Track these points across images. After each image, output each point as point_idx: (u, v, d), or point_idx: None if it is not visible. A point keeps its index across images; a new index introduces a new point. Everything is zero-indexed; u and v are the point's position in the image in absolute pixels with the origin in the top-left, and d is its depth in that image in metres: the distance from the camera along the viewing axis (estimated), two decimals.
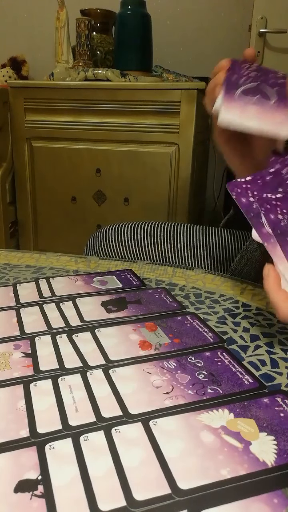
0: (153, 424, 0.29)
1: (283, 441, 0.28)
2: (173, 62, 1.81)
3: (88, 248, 0.86)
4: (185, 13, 1.79)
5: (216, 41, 1.79)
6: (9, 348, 0.39)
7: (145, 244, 0.81)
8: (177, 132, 1.35)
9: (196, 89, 1.30)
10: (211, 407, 0.31)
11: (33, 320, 0.44)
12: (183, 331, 0.42)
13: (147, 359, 0.37)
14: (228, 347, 0.40)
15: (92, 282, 0.53)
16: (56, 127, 1.45)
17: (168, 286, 0.54)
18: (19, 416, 0.30)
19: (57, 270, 0.58)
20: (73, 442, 0.27)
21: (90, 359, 0.37)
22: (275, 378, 0.35)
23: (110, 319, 0.44)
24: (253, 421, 0.30)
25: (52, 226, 1.57)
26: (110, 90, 1.37)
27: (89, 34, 1.46)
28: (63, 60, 1.51)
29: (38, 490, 0.24)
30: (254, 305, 0.49)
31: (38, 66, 1.91)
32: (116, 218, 1.44)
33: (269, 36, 1.51)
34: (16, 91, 1.46)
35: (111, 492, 0.24)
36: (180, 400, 0.32)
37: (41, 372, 0.35)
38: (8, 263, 0.61)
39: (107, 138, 1.42)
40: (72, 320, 0.44)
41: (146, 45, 1.49)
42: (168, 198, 1.42)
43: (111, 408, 0.31)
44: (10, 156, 1.54)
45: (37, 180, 1.53)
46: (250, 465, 0.26)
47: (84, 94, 1.39)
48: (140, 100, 1.35)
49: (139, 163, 1.41)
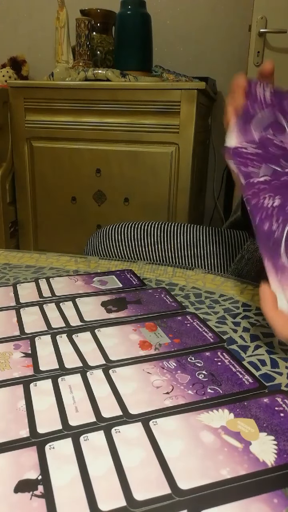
0: (153, 424, 0.29)
1: (283, 441, 0.28)
2: (173, 62, 1.82)
3: (88, 248, 0.86)
4: (185, 13, 1.79)
5: (216, 41, 1.79)
6: (9, 348, 0.39)
7: (145, 244, 0.81)
8: (177, 132, 1.35)
9: (196, 89, 1.30)
10: (211, 407, 0.31)
11: (33, 320, 0.44)
12: (183, 331, 0.42)
13: (147, 359, 0.37)
14: (228, 347, 0.40)
15: (92, 282, 0.53)
16: (56, 127, 1.45)
17: (168, 286, 0.54)
18: (19, 416, 0.30)
19: (57, 270, 0.58)
20: (73, 442, 0.27)
21: (90, 359, 0.37)
22: (275, 378, 0.35)
23: (110, 319, 0.44)
24: (253, 421, 0.30)
25: (52, 226, 1.57)
26: (110, 90, 1.37)
27: (89, 34, 1.46)
28: (63, 60, 1.51)
29: (38, 490, 0.24)
30: (254, 305, 0.49)
31: (38, 66, 1.91)
32: (116, 218, 1.44)
33: (269, 36, 1.51)
34: (16, 91, 1.46)
35: (111, 492, 0.24)
36: (180, 400, 0.32)
37: (41, 372, 0.35)
38: (8, 263, 0.61)
39: (107, 138, 1.42)
40: (72, 320, 0.44)
41: (146, 45, 1.49)
42: (168, 198, 1.42)
43: (111, 408, 0.31)
44: (10, 156, 1.54)
45: (37, 180, 1.53)
46: (250, 465, 0.26)
47: (84, 94, 1.39)
48: (140, 100, 1.35)
49: (139, 163, 1.41)
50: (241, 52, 1.73)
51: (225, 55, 1.80)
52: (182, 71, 1.67)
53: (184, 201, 1.41)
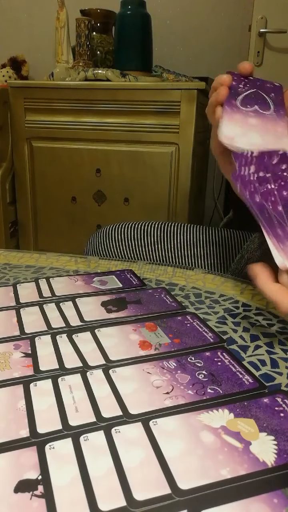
0: (153, 424, 0.29)
1: (283, 441, 0.28)
2: (173, 62, 1.81)
3: (88, 248, 0.86)
4: (185, 13, 1.79)
5: (216, 41, 1.79)
6: (9, 348, 0.39)
7: (145, 244, 0.81)
8: (177, 132, 1.35)
9: (196, 89, 1.30)
10: (211, 407, 0.31)
11: (33, 320, 0.44)
12: (183, 331, 0.42)
13: (147, 359, 0.37)
14: (228, 347, 0.40)
15: (92, 282, 0.53)
16: (56, 127, 1.45)
17: (168, 286, 0.54)
18: (19, 416, 0.30)
19: (57, 270, 0.58)
20: (73, 442, 0.27)
21: (90, 359, 0.37)
22: (275, 378, 0.35)
23: (110, 319, 0.44)
24: (253, 421, 0.30)
25: (52, 226, 1.57)
26: (110, 90, 1.37)
27: (89, 34, 1.46)
28: (63, 60, 1.51)
29: (38, 490, 0.24)
30: (254, 305, 0.49)
31: (38, 66, 1.91)
32: (116, 218, 1.44)
33: (269, 36, 1.51)
34: (16, 91, 1.46)
35: (111, 492, 0.24)
36: (180, 400, 0.32)
37: (41, 372, 0.35)
38: (8, 263, 0.61)
39: (107, 138, 1.42)
40: (72, 320, 0.44)
41: (146, 45, 1.49)
42: (168, 198, 1.42)
43: (111, 408, 0.31)
44: (10, 156, 1.54)
45: (37, 180, 1.53)
46: (250, 465, 0.26)
47: (84, 94, 1.39)
48: (140, 100, 1.35)
49: (139, 163, 1.41)
50: (241, 52, 1.73)
51: (225, 55, 1.80)
52: (182, 71, 1.67)
53: (184, 201, 1.41)
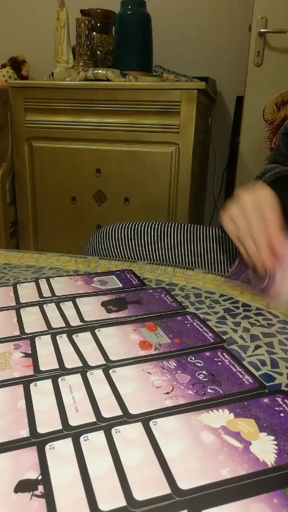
0: (153, 424, 0.29)
1: (283, 441, 0.28)
2: (173, 62, 1.81)
3: (88, 248, 0.86)
4: (185, 13, 1.79)
5: (216, 41, 1.79)
6: (9, 348, 0.39)
7: (145, 244, 0.81)
8: (177, 132, 1.35)
9: (196, 89, 1.30)
10: (211, 407, 0.31)
11: (33, 320, 0.44)
12: (183, 331, 0.42)
13: (147, 359, 0.37)
14: (228, 347, 0.40)
15: (92, 282, 0.53)
16: (56, 127, 1.45)
17: (168, 286, 0.54)
18: (19, 416, 0.30)
19: (57, 270, 0.58)
20: (73, 442, 0.27)
21: (90, 359, 0.37)
22: (275, 378, 0.35)
23: (110, 319, 0.44)
24: (253, 421, 0.30)
25: (52, 226, 1.57)
26: (110, 90, 1.37)
27: (89, 34, 1.46)
28: (63, 60, 1.51)
29: (38, 490, 0.24)
30: (254, 305, 0.49)
31: (38, 66, 1.91)
32: (116, 218, 1.44)
33: (269, 36, 1.51)
34: (16, 91, 1.46)
35: (111, 492, 0.24)
36: (180, 400, 0.32)
37: (41, 372, 0.35)
38: (8, 263, 0.61)
39: (107, 138, 1.42)
40: (72, 320, 0.44)
41: (146, 45, 1.49)
42: (168, 198, 1.42)
43: (111, 408, 0.31)
44: (10, 156, 1.54)
45: (37, 180, 1.53)
46: (250, 465, 0.26)
47: (84, 94, 1.39)
48: (140, 100, 1.35)
49: (139, 163, 1.41)
50: (241, 52, 1.73)
51: (225, 55, 1.80)
52: (182, 71, 1.67)
53: (184, 201, 1.41)
